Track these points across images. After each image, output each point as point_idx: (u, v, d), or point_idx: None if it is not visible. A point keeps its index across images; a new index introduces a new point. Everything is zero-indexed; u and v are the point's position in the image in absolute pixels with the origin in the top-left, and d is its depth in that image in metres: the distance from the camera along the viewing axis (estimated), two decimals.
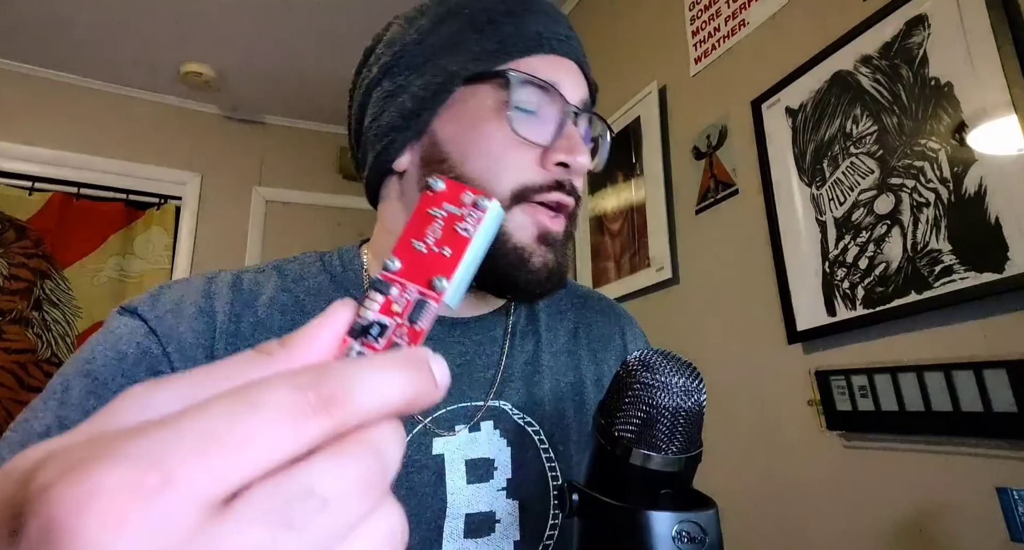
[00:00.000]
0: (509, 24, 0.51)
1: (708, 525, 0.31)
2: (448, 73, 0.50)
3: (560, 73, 0.51)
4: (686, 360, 0.35)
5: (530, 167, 0.49)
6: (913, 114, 0.96)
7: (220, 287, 0.51)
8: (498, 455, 0.51)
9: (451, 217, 0.21)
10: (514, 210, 0.48)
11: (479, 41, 0.50)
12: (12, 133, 2.35)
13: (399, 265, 0.21)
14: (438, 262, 0.21)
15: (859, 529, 0.99)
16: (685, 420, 0.33)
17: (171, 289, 0.50)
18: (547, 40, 0.51)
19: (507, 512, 0.50)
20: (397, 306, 0.21)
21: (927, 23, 0.95)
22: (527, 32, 0.50)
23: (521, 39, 0.50)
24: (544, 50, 0.50)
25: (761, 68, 1.28)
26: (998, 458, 0.82)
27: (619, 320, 0.66)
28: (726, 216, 1.35)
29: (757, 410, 1.21)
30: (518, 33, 0.50)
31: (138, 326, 0.46)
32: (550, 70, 0.50)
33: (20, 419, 0.42)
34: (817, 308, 1.08)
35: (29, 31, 2.20)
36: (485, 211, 0.21)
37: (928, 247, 0.92)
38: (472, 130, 0.49)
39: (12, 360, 2.17)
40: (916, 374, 0.89)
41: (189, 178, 2.64)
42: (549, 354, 0.59)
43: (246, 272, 0.54)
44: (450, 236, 0.21)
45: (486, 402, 0.53)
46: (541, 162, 0.49)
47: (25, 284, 2.25)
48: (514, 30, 0.50)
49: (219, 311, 0.48)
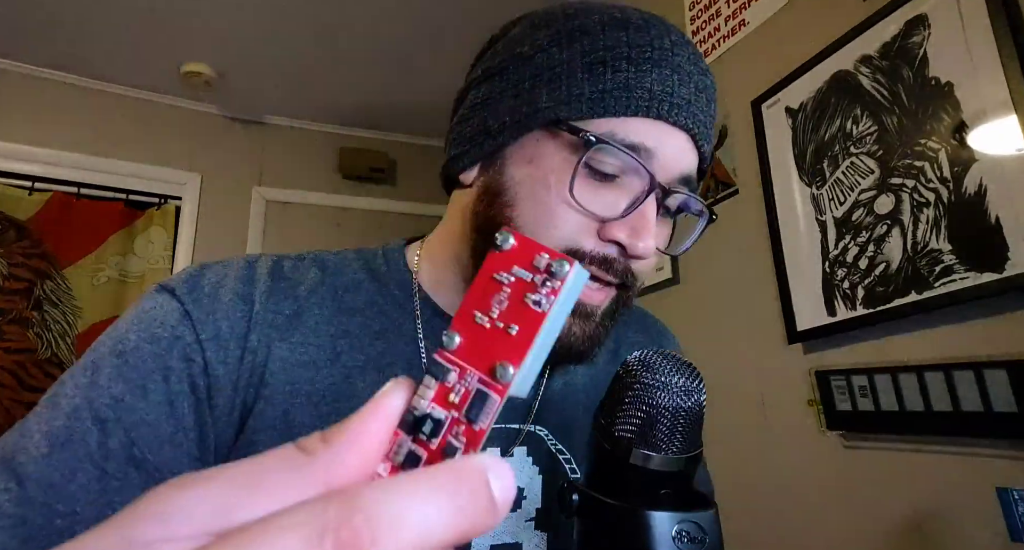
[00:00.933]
0: (624, 72, 0.43)
1: (708, 525, 0.31)
2: (536, 107, 0.45)
3: (660, 143, 0.44)
4: (686, 360, 0.35)
5: (584, 232, 0.44)
6: (913, 114, 0.96)
7: (260, 273, 0.48)
8: (529, 484, 0.49)
9: (520, 284, 0.18)
10: None
11: (583, 82, 0.44)
12: (12, 133, 2.35)
13: (458, 342, 0.18)
14: (503, 343, 0.17)
15: (859, 529, 0.99)
16: (685, 420, 0.33)
17: (211, 271, 0.48)
18: (660, 103, 0.43)
19: (534, 544, 0.48)
20: (455, 396, 0.17)
21: (927, 23, 0.95)
22: (639, 88, 0.43)
23: (628, 95, 0.43)
24: (651, 114, 0.43)
25: (761, 68, 1.28)
26: (998, 458, 0.82)
27: (660, 338, 0.64)
28: (726, 216, 1.35)
29: (757, 410, 1.21)
30: (628, 87, 0.43)
31: (174, 309, 0.44)
32: (649, 137, 0.43)
33: (50, 393, 0.41)
34: (817, 308, 1.08)
35: (29, 31, 2.20)
36: (564, 280, 0.17)
37: (928, 247, 0.92)
38: (538, 175, 0.45)
39: (12, 360, 2.17)
40: (916, 374, 0.89)
41: (189, 178, 2.64)
42: (587, 376, 0.56)
43: (286, 259, 0.51)
44: (519, 310, 0.17)
45: (524, 427, 0.50)
46: (600, 232, 0.44)
47: (25, 284, 2.25)
48: (625, 82, 0.43)
49: (257, 299, 0.46)
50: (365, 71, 2.47)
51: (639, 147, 0.43)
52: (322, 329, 0.47)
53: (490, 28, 0.55)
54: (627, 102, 0.43)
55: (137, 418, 0.40)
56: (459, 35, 2.24)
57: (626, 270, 0.45)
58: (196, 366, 0.43)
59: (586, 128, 0.43)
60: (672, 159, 0.45)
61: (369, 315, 0.50)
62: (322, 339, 0.47)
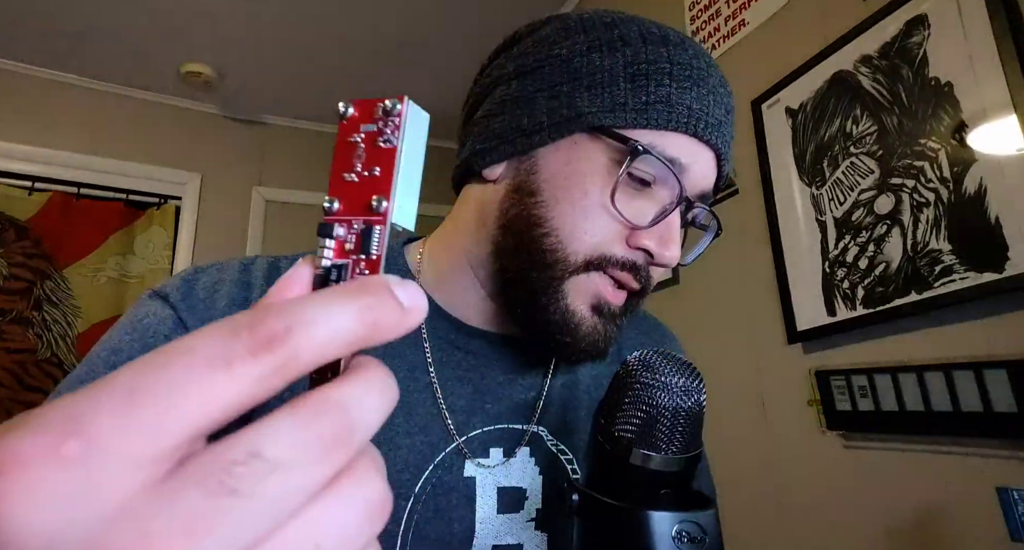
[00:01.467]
0: (666, 87, 0.45)
1: (708, 525, 0.31)
2: (578, 111, 0.45)
3: (693, 159, 0.46)
4: (686, 360, 0.35)
5: (616, 240, 0.45)
6: (913, 114, 0.96)
7: (256, 276, 0.48)
8: (531, 485, 0.49)
9: (370, 136, 0.20)
10: (581, 275, 0.45)
11: (626, 92, 0.45)
12: (12, 133, 2.35)
13: (338, 205, 0.20)
14: (372, 185, 0.19)
15: (859, 529, 0.99)
16: (685, 420, 0.33)
17: (206, 274, 0.48)
18: (697, 121, 0.45)
19: (535, 545, 0.48)
20: (349, 244, 0.19)
21: (927, 23, 0.95)
22: (680, 104, 0.45)
23: (670, 110, 0.44)
24: (688, 130, 0.45)
25: (761, 68, 1.28)
26: (998, 458, 0.82)
27: (662, 340, 0.65)
28: (726, 216, 1.35)
29: (757, 410, 1.21)
30: (670, 102, 0.44)
31: (168, 316, 0.44)
32: (684, 152, 0.45)
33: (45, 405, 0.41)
34: (817, 308, 1.08)
35: (29, 31, 2.20)
36: (400, 115, 0.19)
37: (928, 247, 0.92)
38: (575, 177, 0.45)
39: (12, 360, 2.17)
40: (916, 374, 0.89)
41: (189, 178, 2.64)
42: (589, 378, 0.57)
43: (283, 259, 0.51)
44: (375, 154, 0.19)
45: (527, 427, 0.51)
46: (628, 239, 0.46)
47: (25, 284, 2.25)
48: (667, 97, 0.44)
49: (253, 302, 0.46)
50: (365, 71, 2.48)
51: (676, 161, 0.45)
52: None
53: (491, 28, 0.55)
54: (668, 116, 0.44)
55: None
56: (459, 36, 2.24)
57: (649, 276, 0.47)
58: None
59: (631, 137, 0.44)
60: (700, 175, 0.47)
61: None
62: None
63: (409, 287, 0.17)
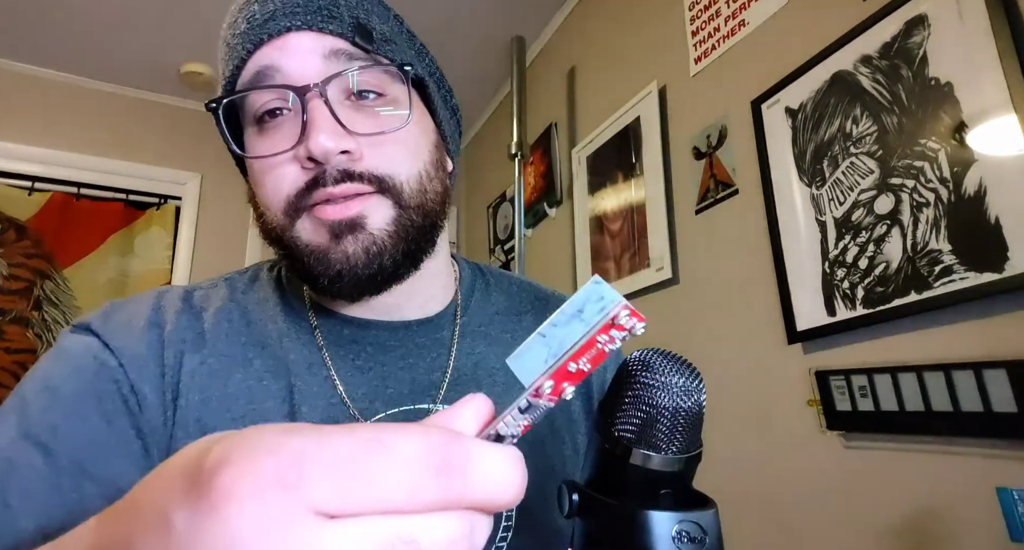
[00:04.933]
0: (230, 37, 0.50)
1: (708, 525, 0.31)
2: None
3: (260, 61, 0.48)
4: (686, 360, 0.35)
5: (290, 178, 0.49)
6: (913, 114, 0.96)
7: (170, 300, 0.51)
8: None
9: (605, 339, 0.21)
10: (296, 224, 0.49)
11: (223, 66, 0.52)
12: (12, 133, 2.35)
13: (549, 389, 0.21)
14: (576, 375, 0.21)
15: (859, 529, 0.99)
16: (685, 420, 0.33)
17: (123, 306, 0.50)
18: (245, 36, 0.48)
19: None
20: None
21: (927, 23, 0.95)
22: (235, 37, 0.49)
23: (229, 51, 0.50)
24: (244, 50, 0.48)
25: (761, 68, 1.28)
26: (998, 458, 0.82)
27: (547, 303, 0.64)
28: (726, 216, 1.35)
29: (757, 410, 1.21)
30: (230, 44, 0.50)
31: (92, 342, 0.46)
32: (251, 67, 0.48)
33: None
34: (817, 308, 1.08)
35: (29, 31, 2.20)
36: (632, 332, 0.21)
37: (928, 247, 0.92)
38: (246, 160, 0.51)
39: (12, 360, 2.17)
40: (916, 374, 0.89)
41: (189, 178, 2.64)
42: (505, 356, 0.57)
43: (198, 288, 0.54)
44: (594, 353, 0.21)
45: (432, 407, 0.51)
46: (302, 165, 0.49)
47: (25, 284, 2.25)
48: (229, 43, 0.50)
49: (168, 321, 0.48)
50: None
51: (249, 78, 0.47)
52: (233, 339, 0.49)
53: (491, 29, 0.55)
54: (229, 56, 0.49)
55: (79, 441, 0.41)
56: (459, 37, 2.24)
57: (344, 172, 0.46)
58: (124, 386, 0.44)
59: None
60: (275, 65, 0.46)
61: (276, 323, 0.52)
62: (234, 349, 0.49)
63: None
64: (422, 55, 0.56)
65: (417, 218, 0.47)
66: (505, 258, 2.44)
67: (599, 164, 1.85)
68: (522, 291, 0.63)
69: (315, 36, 0.45)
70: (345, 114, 0.44)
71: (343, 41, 0.46)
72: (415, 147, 0.48)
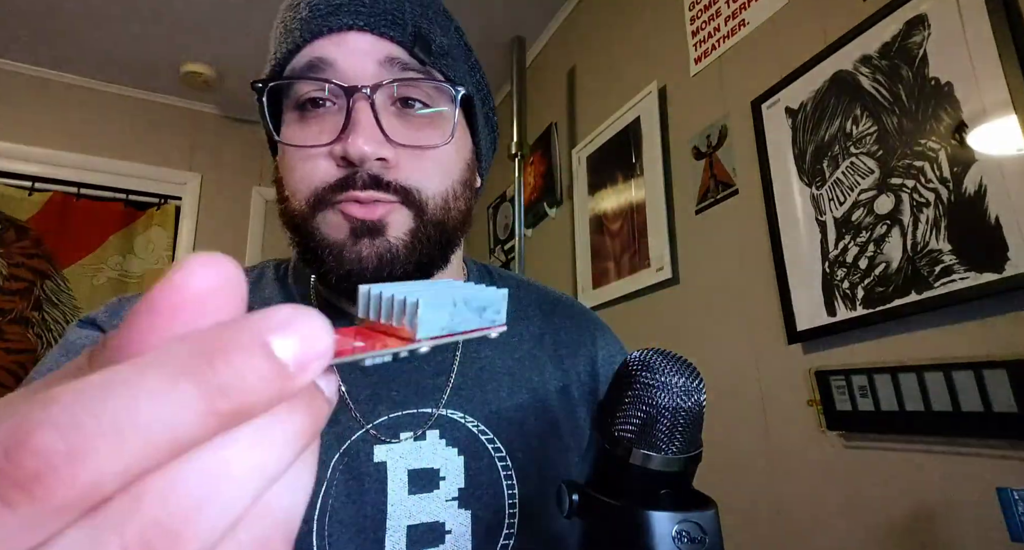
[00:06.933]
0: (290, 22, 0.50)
1: (708, 525, 0.31)
2: None
3: (318, 53, 0.48)
4: (686, 360, 0.35)
5: (322, 171, 0.49)
6: (913, 114, 0.96)
7: None
8: (445, 465, 0.50)
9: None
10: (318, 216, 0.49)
11: (275, 47, 0.51)
12: (12, 133, 2.35)
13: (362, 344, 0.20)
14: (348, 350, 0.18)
15: (859, 529, 0.99)
16: (685, 420, 0.33)
17: (131, 302, 0.51)
18: (305, 25, 0.48)
19: (459, 523, 0.49)
20: None
21: (927, 23, 0.95)
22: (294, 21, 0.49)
23: (287, 35, 0.50)
24: (301, 40, 0.48)
25: (761, 68, 1.28)
26: (998, 458, 0.82)
27: (590, 326, 0.64)
28: (726, 216, 1.35)
29: (757, 410, 1.21)
30: (289, 29, 0.49)
31: (97, 336, 0.46)
32: (305, 57, 0.49)
33: None
34: (817, 308, 1.08)
35: (29, 31, 2.20)
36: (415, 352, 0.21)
37: (928, 247, 0.92)
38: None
39: (12, 360, 2.17)
40: (916, 374, 0.89)
41: (189, 178, 2.64)
42: (511, 360, 0.57)
43: None
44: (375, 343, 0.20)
45: (435, 411, 0.51)
46: (337, 160, 0.50)
47: (25, 284, 2.25)
48: (286, 28, 0.50)
49: None
50: None
51: (299, 68, 0.48)
52: None
53: (491, 29, 0.55)
54: (286, 41, 0.49)
55: None
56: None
57: (375, 178, 0.47)
58: None
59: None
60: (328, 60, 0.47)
61: None
62: None
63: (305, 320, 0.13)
64: (474, 70, 0.57)
65: (435, 233, 0.48)
66: (505, 258, 2.44)
67: (599, 164, 1.85)
68: (529, 294, 0.64)
69: (375, 39, 0.46)
70: (388, 121, 0.45)
71: (401, 49, 0.47)
72: (448, 165, 0.49)
